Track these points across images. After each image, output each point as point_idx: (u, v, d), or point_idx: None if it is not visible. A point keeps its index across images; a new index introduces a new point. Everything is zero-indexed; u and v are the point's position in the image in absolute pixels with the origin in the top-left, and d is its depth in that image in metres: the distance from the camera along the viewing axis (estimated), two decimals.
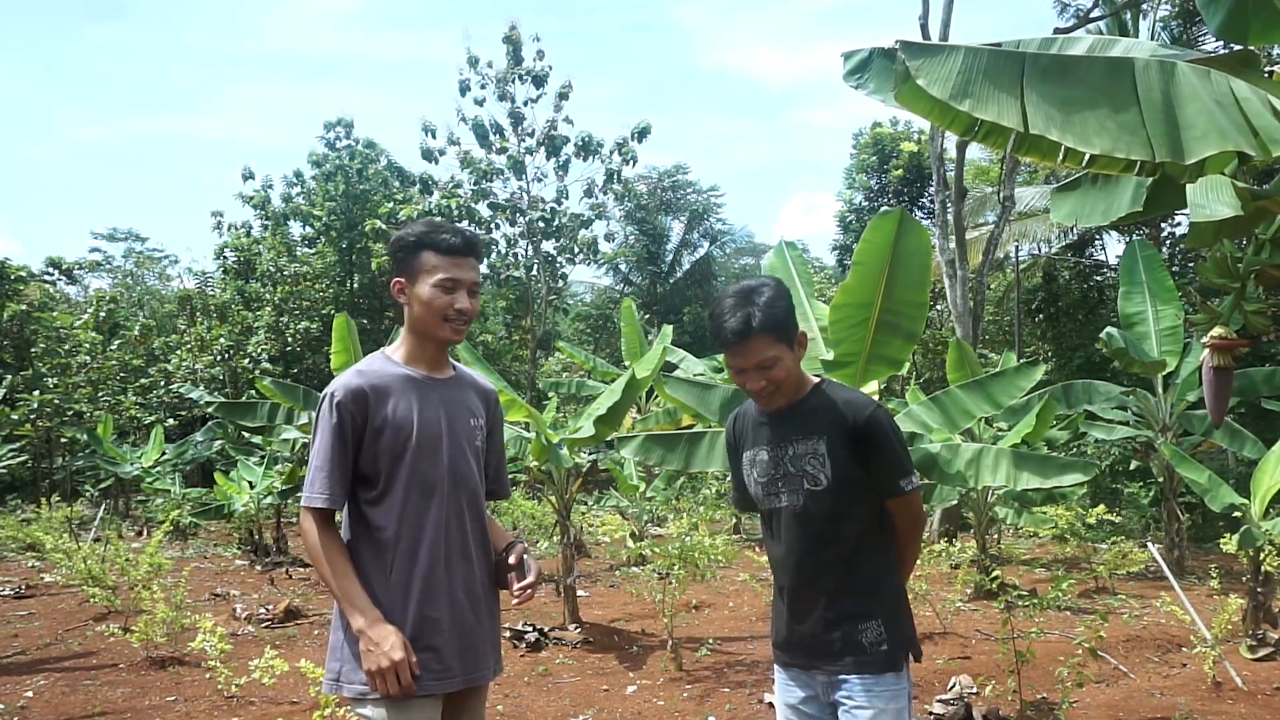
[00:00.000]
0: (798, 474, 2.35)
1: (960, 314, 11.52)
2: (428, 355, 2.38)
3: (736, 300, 2.31)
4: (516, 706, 5.09)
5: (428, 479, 2.27)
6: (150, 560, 6.60)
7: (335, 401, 2.24)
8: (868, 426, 2.31)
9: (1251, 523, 5.81)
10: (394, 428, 2.25)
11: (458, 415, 2.37)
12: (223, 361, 18.15)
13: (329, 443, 2.23)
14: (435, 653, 2.23)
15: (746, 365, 2.33)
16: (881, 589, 2.36)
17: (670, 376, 5.92)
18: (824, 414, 2.35)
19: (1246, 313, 3.28)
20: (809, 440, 2.34)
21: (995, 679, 5.19)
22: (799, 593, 2.38)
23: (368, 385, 2.26)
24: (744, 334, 2.29)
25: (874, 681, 2.29)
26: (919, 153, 20.47)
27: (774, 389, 2.34)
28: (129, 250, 33.43)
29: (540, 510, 11.45)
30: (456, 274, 2.30)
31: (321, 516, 2.23)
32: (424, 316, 2.31)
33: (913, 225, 4.70)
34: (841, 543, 2.33)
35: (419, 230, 2.33)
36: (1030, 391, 6.63)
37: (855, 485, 2.32)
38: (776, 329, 2.30)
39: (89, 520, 13.57)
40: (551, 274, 19.91)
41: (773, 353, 2.31)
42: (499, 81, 18.50)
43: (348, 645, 2.23)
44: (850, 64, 2.64)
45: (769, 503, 2.42)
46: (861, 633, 2.30)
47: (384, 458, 2.25)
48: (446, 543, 2.28)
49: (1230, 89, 2.31)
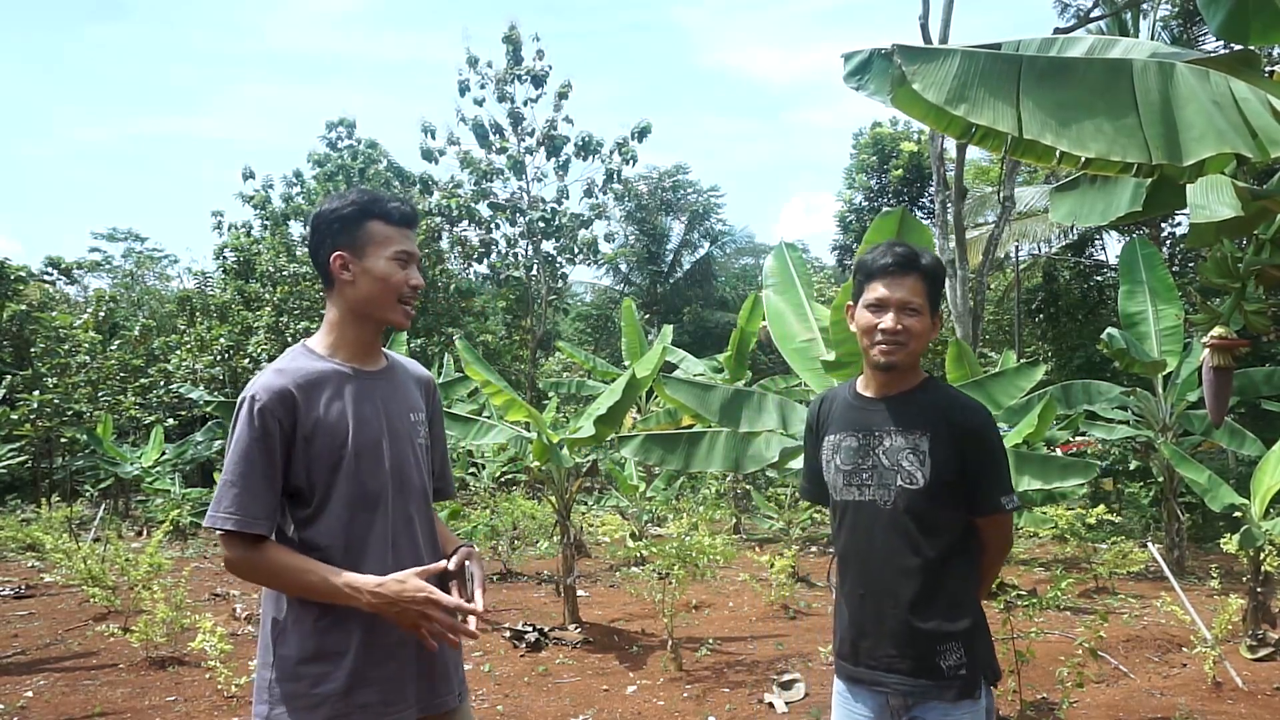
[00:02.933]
0: (892, 468, 2.18)
1: (960, 314, 11.52)
2: (362, 344, 2.06)
3: (906, 246, 2.25)
4: (516, 706, 5.09)
5: (369, 489, 1.97)
6: (150, 560, 6.60)
7: (258, 407, 1.90)
8: (980, 432, 2.17)
9: (1251, 523, 5.81)
10: (327, 433, 1.94)
11: (397, 412, 2.07)
12: (223, 361, 18.15)
13: (248, 455, 1.89)
14: (389, 683, 1.94)
15: (892, 299, 2.18)
16: (964, 608, 2.18)
17: (670, 376, 5.91)
18: (933, 410, 2.19)
19: (1246, 313, 3.27)
20: (912, 434, 2.17)
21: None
22: (873, 599, 2.20)
23: (293, 385, 1.93)
24: (906, 265, 2.19)
25: (952, 707, 2.13)
26: (919, 153, 20.47)
27: (905, 339, 2.18)
28: (129, 250, 33.40)
29: (540, 510, 11.43)
30: (409, 246, 2.04)
31: (240, 541, 1.89)
32: (375, 296, 2.01)
33: (914, 225, 4.71)
34: (928, 551, 2.15)
35: (359, 198, 2.03)
36: (1030, 391, 6.62)
37: (951, 492, 2.15)
38: (933, 282, 2.23)
39: (89, 520, 13.57)
40: (551, 274, 19.91)
41: (921, 301, 2.19)
42: (499, 81, 18.49)
43: (279, 685, 1.91)
44: (851, 65, 2.64)
45: (849, 494, 2.24)
46: (940, 654, 2.13)
47: (317, 468, 1.94)
48: (396, 557, 1.97)
49: (1229, 89, 2.31)
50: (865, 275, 2.26)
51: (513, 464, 11.44)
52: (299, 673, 1.91)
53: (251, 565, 1.92)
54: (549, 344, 23.93)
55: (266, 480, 1.90)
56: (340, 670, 1.90)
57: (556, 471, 6.90)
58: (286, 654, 1.92)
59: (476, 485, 12.32)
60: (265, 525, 1.91)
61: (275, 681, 1.92)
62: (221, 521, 1.88)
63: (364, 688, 1.91)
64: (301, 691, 1.90)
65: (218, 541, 1.93)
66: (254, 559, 1.90)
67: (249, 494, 1.88)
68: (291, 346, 2.08)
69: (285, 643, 1.93)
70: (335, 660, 1.91)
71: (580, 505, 13.21)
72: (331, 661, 1.91)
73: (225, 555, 1.93)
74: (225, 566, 1.96)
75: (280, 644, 1.94)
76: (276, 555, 1.91)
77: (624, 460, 10.77)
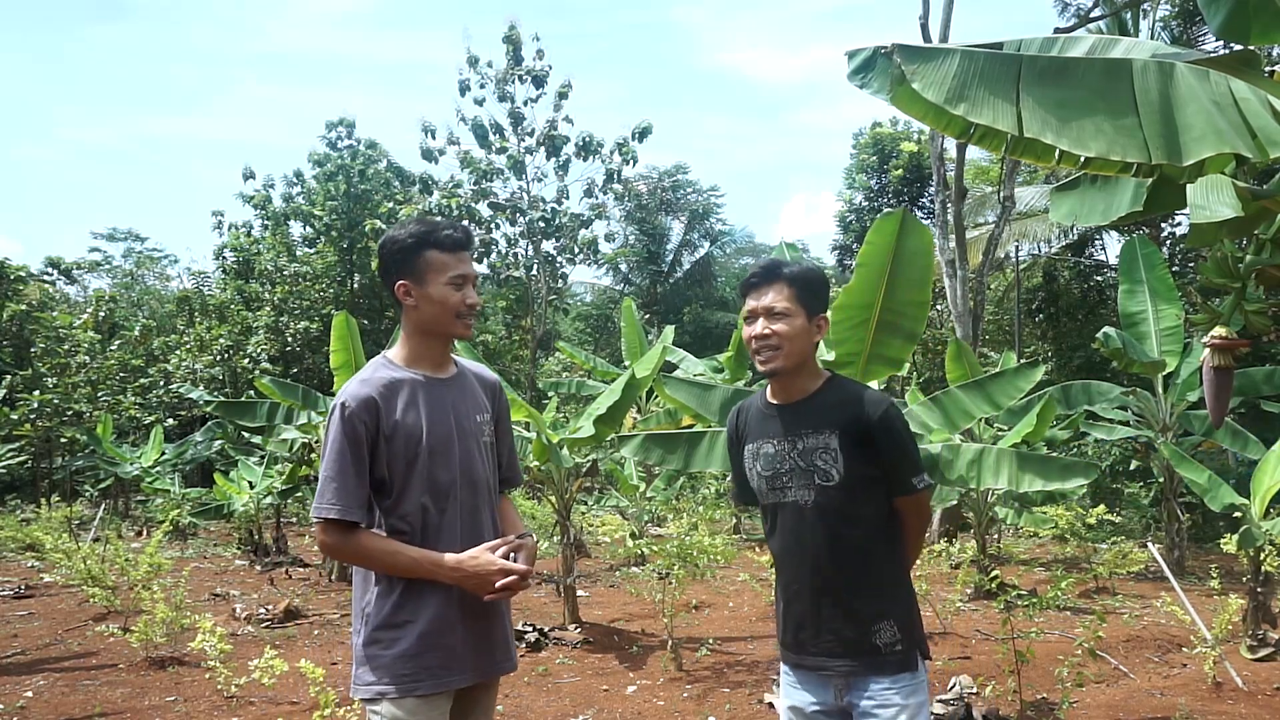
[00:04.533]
0: (808, 468, 2.30)
1: (960, 314, 11.52)
2: (432, 355, 2.38)
3: (771, 259, 2.40)
4: (516, 706, 5.10)
5: (440, 483, 2.28)
6: (150, 560, 6.61)
7: (347, 413, 2.23)
8: (882, 422, 2.27)
9: (1251, 523, 5.80)
10: (404, 434, 2.25)
11: (465, 414, 2.38)
12: (222, 361, 18.16)
13: (342, 454, 2.22)
14: (448, 651, 2.25)
15: (758, 307, 2.31)
16: (895, 589, 2.33)
17: (670, 376, 5.91)
18: (837, 408, 2.31)
19: (1247, 313, 3.27)
20: (820, 434, 2.29)
21: (995, 679, 5.19)
22: (809, 591, 2.32)
23: (376, 393, 2.25)
24: (767, 276, 2.33)
25: (891, 682, 2.26)
26: (919, 153, 20.46)
27: (776, 344, 2.30)
28: (129, 250, 33.42)
29: (540, 510, 11.44)
30: (463, 269, 2.32)
31: (338, 528, 2.22)
32: (437, 316, 2.32)
33: (915, 226, 4.71)
34: (854, 540, 2.29)
35: (417, 230, 2.32)
36: (1030, 392, 6.63)
37: (867, 482, 2.28)
38: (801, 287, 2.32)
39: (89, 520, 13.58)
40: (551, 274, 19.91)
41: (788, 305, 2.30)
42: (499, 81, 18.49)
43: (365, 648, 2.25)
44: (854, 63, 2.63)
45: (773, 497, 2.37)
46: (876, 633, 2.27)
47: (396, 464, 2.25)
48: (462, 543, 2.28)
49: (1229, 89, 2.30)
50: (740, 294, 2.42)
51: None
52: (378, 637, 2.24)
53: (348, 548, 2.24)
54: (549, 344, 23.94)
55: (358, 475, 2.22)
56: (408, 638, 2.22)
57: (556, 471, 6.90)
58: (371, 622, 2.25)
59: None
60: (360, 514, 2.22)
61: (362, 645, 2.25)
62: (325, 511, 2.19)
63: (429, 652, 2.23)
64: (379, 653, 2.23)
65: (315, 529, 2.26)
66: (350, 543, 2.23)
67: (345, 488, 2.20)
68: (373, 359, 2.41)
69: (370, 613, 2.25)
70: (407, 628, 2.23)
71: (580, 505, 13.22)
72: (404, 629, 2.23)
73: (322, 540, 2.25)
74: (321, 550, 2.26)
75: (366, 615, 2.26)
76: (369, 540, 2.24)
77: (624, 460, 10.78)
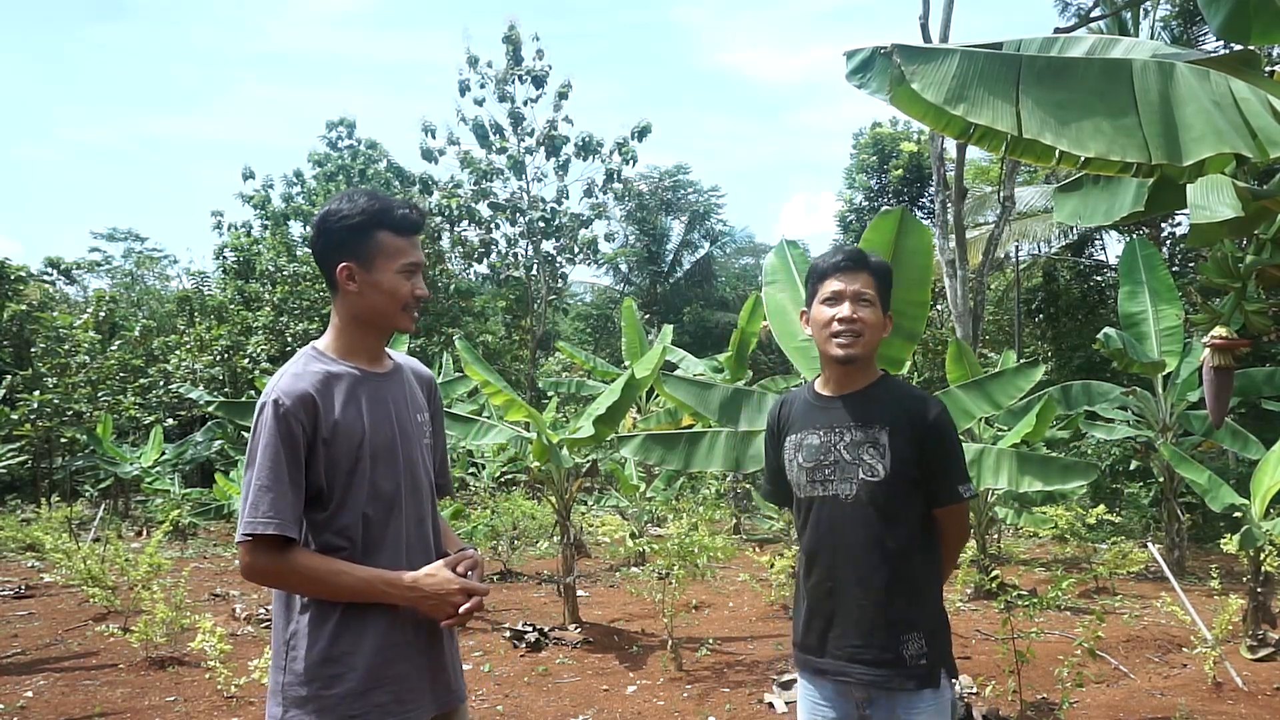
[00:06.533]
0: (854, 461, 2.23)
1: (960, 314, 11.51)
2: (369, 348, 2.07)
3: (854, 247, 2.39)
4: (516, 706, 5.09)
5: (384, 490, 1.98)
6: (150, 560, 6.60)
7: (281, 411, 1.88)
8: (935, 425, 2.23)
9: (1252, 523, 5.80)
10: (344, 436, 1.94)
11: (406, 414, 2.09)
12: (222, 361, 18.15)
13: (277, 460, 1.87)
14: (400, 681, 1.95)
15: (846, 291, 2.27)
16: (927, 600, 2.25)
17: (670, 376, 5.91)
18: (891, 404, 2.26)
19: (1247, 313, 3.28)
20: (870, 428, 2.24)
21: (995, 679, 5.19)
22: (842, 590, 2.24)
23: (313, 389, 1.93)
24: (857, 262, 2.31)
25: (914, 698, 2.18)
26: (919, 153, 20.46)
27: (859, 330, 2.26)
28: (128, 250, 33.37)
29: (540, 510, 11.44)
30: (416, 256, 2.04)
31: (271, 547, 1.86)
32: (382, 307, 2.02)
33: (914, 225, 4.70)
34: (892, 542, 2.21)
35: (368, 206, 1.99)
36: (1030, 392, 6.62)
37: (910, 483, 2.22)
38: (883, 280, 2.33)
39: (89, 520, 13.57)
40: (551, 274, 19.91)
41: (873, 294, 2.29)
42: (499, 81, 18.51)
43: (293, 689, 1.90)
44: (853, 63, 2.63)
45: (812, 490, 2.29)
46: (903, 644, 2.19)
47: (335, 471, 1.93)
48: (409, 556, 2.00)
49: (1229, 89, 2.30)
50: (819, 276, 2.36)
51: (513, 464, 11.43)
52: (313, 675, 1.89)
53: (284, 570, 1.88)
54: (549, 344, 23.94)
55: (294, 484, 1.88)
56: (354, 671, 1.89)
57: (556, 471, 6.89)
58: (300, 656, 1.90)
59: (476, 485, 12.32)
60: (297, 529, 1.89)
61: (288, 685, 1.90)
62: (261, 526, 1.84)
63: (378, 688, 1.91)
64: (315, 694, 1.88)
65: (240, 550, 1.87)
66: (287, 564, 1.87)
67: (283, 498, 1.86)
68: (301, 350, 2.07)
69: (299, 645, 1.91)
70: (348, 661, 1.90)
71: (580, 505, 13.21)
72: (344, 663, 1.89)
73: (249, 562, 1.87)
74: (246, 575, 1.89)
75: (294, 646, 1.92)
76: (308, 559, 1.90)
77: (624, 460, 10.77)
